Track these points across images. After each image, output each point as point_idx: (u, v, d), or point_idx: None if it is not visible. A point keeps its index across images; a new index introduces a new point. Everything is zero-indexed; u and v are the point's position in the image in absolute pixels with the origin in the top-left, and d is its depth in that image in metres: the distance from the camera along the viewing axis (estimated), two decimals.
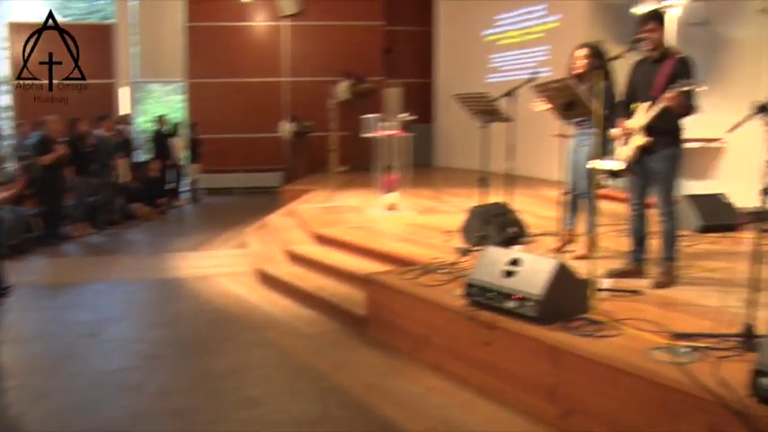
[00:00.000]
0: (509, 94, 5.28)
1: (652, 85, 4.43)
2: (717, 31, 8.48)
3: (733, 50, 8.24)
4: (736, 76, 8.01)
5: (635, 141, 4.52)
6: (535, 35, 12.09)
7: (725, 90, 7.96)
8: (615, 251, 5.30)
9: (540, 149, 8.40)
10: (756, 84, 7.58)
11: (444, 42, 14.58)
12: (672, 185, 4.52)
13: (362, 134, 8.54)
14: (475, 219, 5.83)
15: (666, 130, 4.43)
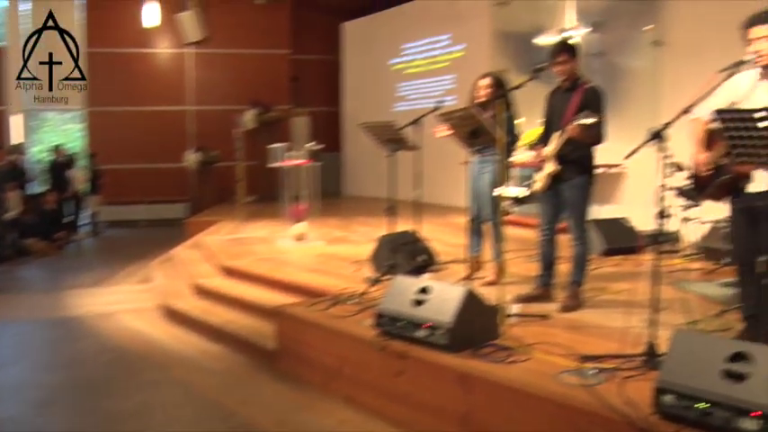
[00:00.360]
0: (415, 123, 5.35)
1: (563, 115, 4.59)
2: (614, 61, 8.92)
3: (629, 80, 8.68)
4: (634, 104, 8.44)
5: (547, 169, 4.66)
6: (441, 64, 12.37)
7: (623, 118, 8.35)
8: (523, 277, 5.41)
9: (446, 177, 8.56)
10: (652, 112, 8.00)
11: (351, 71, 14.72)
12: (584, 212, 4.67)
13: (270, 164, 8.46)
14: (384, 248, 5.83)
15: (577, 159, 4.58)
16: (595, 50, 9.11)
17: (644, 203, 4.20)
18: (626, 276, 5.53)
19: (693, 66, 7.12)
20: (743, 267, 3.72)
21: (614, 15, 8.90)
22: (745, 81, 3.57)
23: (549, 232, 4.83)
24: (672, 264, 6.00)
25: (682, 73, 7.64)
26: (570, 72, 4.60)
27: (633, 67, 8.70)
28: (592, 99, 4.53)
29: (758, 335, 3.56)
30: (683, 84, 7.35)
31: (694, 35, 7.69)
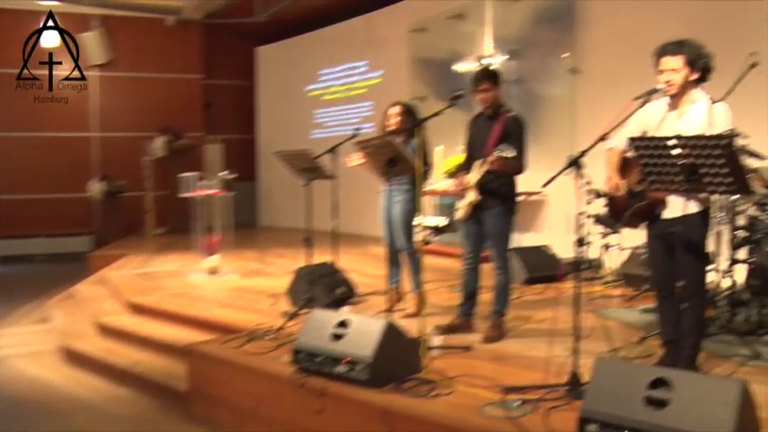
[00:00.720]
0: (332, 151, 5.35)
1: (485, 143, 4.68)
2: (532, 88, 9.21)
3: (547, 107, 8.98)
4: (552, 131, 8.70)
5: (468, 197, 4.72)
6: (358, 91, 12.48)
7: (542, 145, 8.59)
8: (445, 307, 5.45)
9: (365, 206, 8.57)
10: (570, 139, 8.28)
11: (266, 97, 14.65)
12: (506, 240, 4.76)
13: (181, 194, 8.28)
14: (301, 280, 5.78)
15: (498, 188, 4.68)
16: (513, 78, 9.38)
17: (564, 231, 4.34)
18: (548, 305, 5.65)
19: (609, 93, 7.42)
20: (661, 293, 3.86)
21: (531, 43, 9.21)
22: (656, 110, 3.75)
23: (472, 261, 4.89)
24: (593, 291, 6.19)
25: (598, 100, 7.95)
26: (493, 100, 4.71)
27: (551, 94, 9.00)
28: (513, 128, 4.64)
29: (678, 360, 3.70)
30: (599, 111, 7.63)
31: (610, 63, 8.03)
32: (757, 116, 5.93)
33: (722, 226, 5.04)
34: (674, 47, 3.63)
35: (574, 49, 8.54)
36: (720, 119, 3.54)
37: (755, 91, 5.58)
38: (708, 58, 3.64)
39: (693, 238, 3.60)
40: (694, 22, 6.84)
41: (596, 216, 6.19)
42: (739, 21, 6.70)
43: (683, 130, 3.44)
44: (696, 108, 3.63)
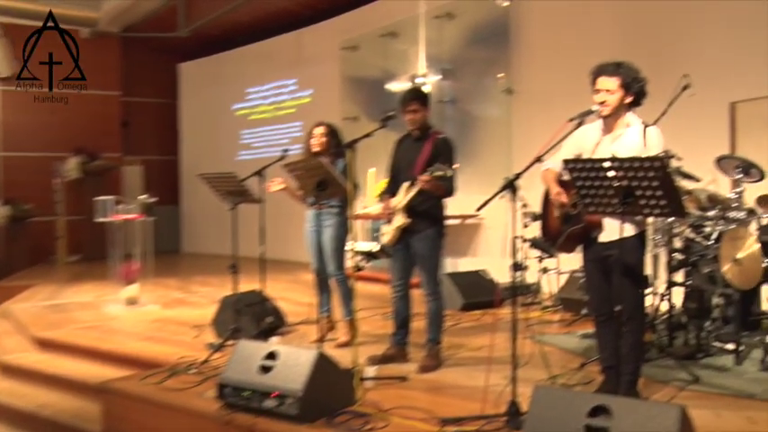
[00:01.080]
0: (259, 174, 5.31)
1: (413, 165, 4.71)
2: (466, 109, 9.38)
3: (483, 128, 9.15)
4: (488, 153, 8.88)
5: (396, 221, 4.73)
6: (287, 110, 12.48)
7: (478, 167, 8.77)
8: (378, 336, 5.45)
9: (294, 230, 8.49)
10: (506, 160, 8.45)
11: (190, 116, 14.49)
12: (436, 265, 4.79)
13: (96, 218, 8.08)
14: (227, 310, 5.69)
15: (427, 210, 4.71)
16: (447, 98, 9.54)
17: (501, 255, 4.41)
18: (485, 331, 5.70)
19: (545, 114, 7.62)
20: (599, 318, 3.95)
21: (465, 62, 9.40)
22: (591, 133, 3.86)
23: (401, 288, 4.90)
24: (531, 316, 6.28)
25: (533, 121, 8.15)
26: (421, 121, 4.76)
27: (486, 115, 9.18)
28: (443, 149, 4.70)
29: (618, 386, 3.78)
30: (535, 132, 7.83)
31: (545, 84, 8.26)
32: (690, 138, 6.17)
33: (659, 249, 5.21)
34: (611, 68, 3.76)
35: (509, 69, 8.74)
36: (654, 142, 3.68)
37: (689, 113, 5.82)
38: (643, 82, 3.78)
39: (630, 262, 3.70)
40: (630, 43, 7.12)
41: (531, 240, 6.32)
42: (672, 43, 7.00)
43: (618, 153, 3.56)
44: (630, 131, 3.76)
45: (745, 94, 6.45)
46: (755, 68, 6.32)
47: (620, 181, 3.16)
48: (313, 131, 5.54)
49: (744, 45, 6.44)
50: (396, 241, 4.77)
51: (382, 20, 10.39)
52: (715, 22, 6.70)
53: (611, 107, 3.74)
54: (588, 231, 3.82)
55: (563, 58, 7.98)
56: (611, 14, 7.64)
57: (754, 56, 6.33)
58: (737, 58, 6.47)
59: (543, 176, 4.00)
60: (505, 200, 3.52)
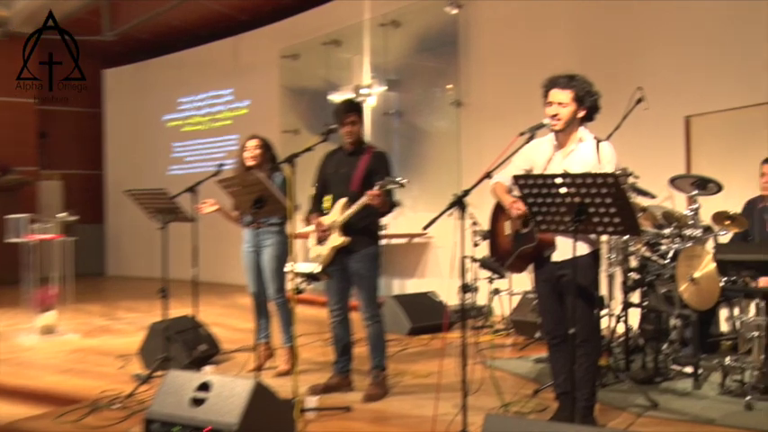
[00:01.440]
0: (192, 190, 5.26)
1: (350, 180, 4.72)
2: (413, 121, 9.46)
3: (431, 142, 9.25)
4: (435, 167, 8.97)
5: (332, 241, 4.72)
6: (223, 122, 12.41)
7: (426, 182, 8.85)
8: (321, 363, 5.43)
9: (230, 251, 8.45)
10: (456, 175, 8.54)
11: (116, 127, 14.28)
12: (375, 286, 4.79)
13: (8, 239, 7.89)
14: (156, 338, 5.60)
15: (365, 228, 4.72)
16: (393, 110, 9.62)
17: (450, 276, 4.43)
18: (434, 357, 5.73)
19: (495, 127, 7.76)
20: (552, 341, 3.99)
21: (412, 73, 9.51)
22: (543, 148, 3.93)
23: (340, 312, 4.88)
24: (482, 341, 6.34)
25: (484, 135, 8.28)
26: (358, 134, 4.81)
27: (434, 128, 9.29)
28: (381, 164, 4.73)
29: (572, 413, 3.82)
30: (485, 146, 7.97)
31: (496, 96, 8.40)
32: (646, 153, 6.35)
33: (614, 268, 5.32)
34: (564, 80, 3.83)
35: (458, 80, 8.87)
36: (608, 157, 3.76)
37: (644, 127, 5.98)
38: (596, 96, 3.86)
39: (584, 282, 3.76)
40: (583, 56, 7.29)
41: (481, 260, 6.39)
42: (627, 57, 7.19)
43: (571, 169, 3.62)
44: (583, 147, 3.84)
45: (699, 108, 6.66)
46: (709, 82, 6.54)
47: (573, 198, 3.22)
48: (246, 144, 5.53)
49: (698, 59, 6.65)
50: (330, 262, 4.75)
51: (325, 27, 10.45)
52: (670, 36, 6.92)
53: (564, 121, 3.81)
54: (540, 250, 3.87)
55: (514, 70, 8.13)
56: (566, 26, 7.83)
57: (709, 69, 6.55)
58: (692, 72, 6.68)
59: (493, 190, 4.05)
60: (454, 217, 3.55)
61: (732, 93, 6.38)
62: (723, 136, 6.53)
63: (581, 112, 3.82)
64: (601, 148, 3.77)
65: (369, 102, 9.79)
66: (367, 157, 4.76)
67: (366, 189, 4.54)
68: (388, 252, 8.70)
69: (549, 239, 3.81)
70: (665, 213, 5.29)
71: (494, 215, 4.19)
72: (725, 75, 6.45)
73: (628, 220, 3.20)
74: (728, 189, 5.35)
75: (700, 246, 4.90)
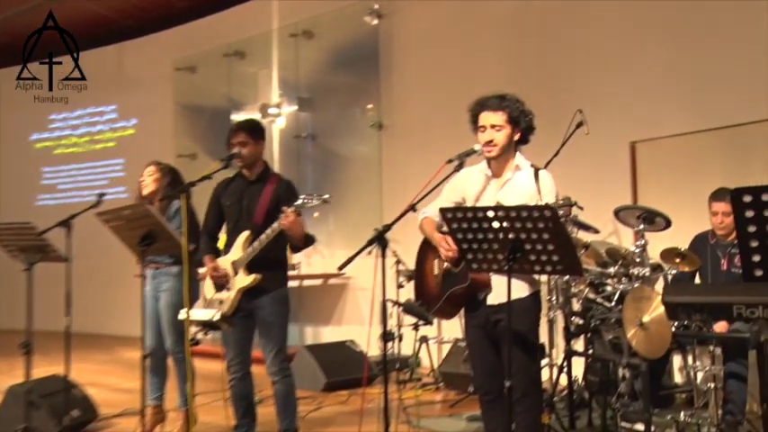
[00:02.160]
0: (65, 224, 5.13)
1: (252, 212, 4.70)
2: (328, 146, 9.48)
3: (347, 168, 9.27)
4: (354, 197, 8.98)
5: (239, 281, 4.65)
6: (105, 144, 12.21)
7: (343, 215, 8.86)
8: (221, 427, 5.35)
9: (112, 296, 8.30)
10: (376, 207, 8.57)
11: None
12: (284, 335, 4.75)
13: None
14: (16, 403, 5.41)
15: (273, 267, 4.68)
16: (306, 132, 9.62)
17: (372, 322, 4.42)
18: (353, 416, 5.70)
19: (421, 153, 7.84)
20: (486, 397, 4.00)
21: (327, 91, 9.54)
22: (476, 177, 3.96)
23: (241, 366, 4.79)
24: (408, 396, 6.34)
25: (408, 162, 8.35)
26: (252, 157, 4.74)
27: (352, 153, 9.33)
28: (288, 195, 4.69)
29: None
30: (409, 174, 8.03)
31: (421, 117, 8.49)
32: (588, 182, 6.50)
33: (555, 312, 5.42)
34: (494, 101, 3.85)
35: (379, 100, 8.94)
36: (548, 188, 3.81)
37: (584, 154, 6.14)
38: (531, 116, 3.91)
39: (522, 328, 3.78)
40: (518, 77, 7.42)
41: (405, 304, 6.40)
42: (567, 76, 7.39)
43: (507, 201, 3.66)
44: (520, 176, 3.87)
45: (645, 134, 6.85)
46: (656, 106, 6.73)
47: (507, 233, 3.26)
48: (145, 170, 5.48)
49: (644, 80, 6.85)
50: (236, 308, 4.67)
51: (226, 36, 10.41)
52: (613, 55, 7.12)
53: (500, 146, 3.82)
54: (473, 292, 3.89)
55: (443, 89, 8.21)
56: (500, 42, 7.99)
57: (656, 91, 6.75)
58: (637, 94, 6.87)
59: (421, 226, 4.06)
60: (374, 255, 3.56)
61: (681, 117, 6.59)
62: (671, 164, 6.73)
63: (516, 135, 3.85)
64: (540, 178, 3.79)
65: (277, 123, 9.80)
66: (272, 186, 4.74)
67: (271, 221, 4.51)
68: (301, 295, 8.66)
69: (483, 280, 3.83)
70: (609, 250, 5.42)
71: (421, 253, 4.19)
72: (673, 98, 6.66)
73: (568, 258, 3.26)
74: (678, 222, 5.51)
75: (648, 286, 5.00)
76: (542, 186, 3.78)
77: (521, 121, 3.84)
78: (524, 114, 3.86)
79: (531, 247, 3.24)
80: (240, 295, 4.65)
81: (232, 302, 4.66)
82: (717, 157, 6.43)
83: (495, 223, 3.26)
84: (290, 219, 4.42)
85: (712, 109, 6.35)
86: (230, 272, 4.68)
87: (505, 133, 3.82)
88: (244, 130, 4.76)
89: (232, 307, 4.66)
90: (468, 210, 3.49)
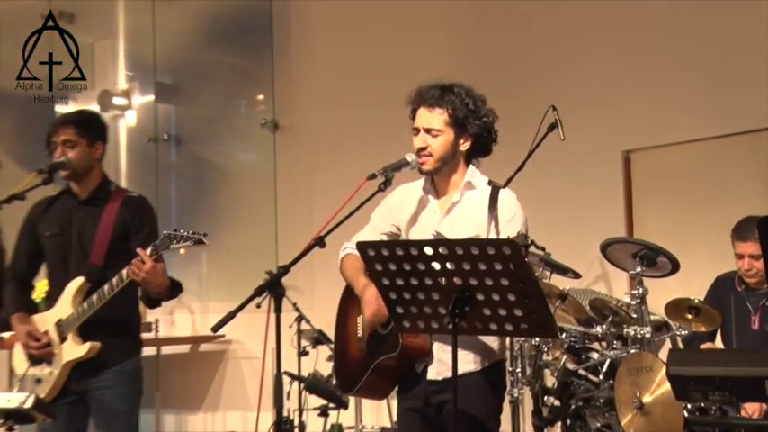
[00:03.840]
0: None
1: (87, 247, 4.62)
2: (200, 152, 9.39)
3: (228, 185, 9.18)
4: (237, 227, 8.89)
5: (66, 353, 4.53)
6: None
7: (221, 252, 8.78)
8: None
9: None
10: (268, 240, 8.52)
11: None
12: (134, 427, 4.68)
13: None
14: None
15: (119, 330, 4.60)
16: (167, 133, 9.49)
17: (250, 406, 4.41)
18: None
19: (332, 165, 7.83)
20: None
21: (198, 75, 9.43)
22: (411, 197, 3.96)
23: None
24: None
25: (314, 176, 8.32)
26: (84, 164, 4.60)
27: (235, 163, 9.28)
28: (141, 217, 4.60)
29: None
30: (317, 194, 8.01)
31: (333, 115, 8.42)
32: (564, 207, 6.57)
33: (521, 389, 5.45)
34: (434, 94, 3.85)
35: (273, 90, 8.88)
36: (509, 213, 3.80)
37: (561, 167, 6.21)
38: (488, 117, 3.90)
39: (476, 411, 3.79)
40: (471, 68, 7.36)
41: (308, 379, 6.37)
42: (540, 68, 7.42)
43: (452, 232, 3.69)
44: (473, 197, 3.88)
45: (642, 140, 6.93)
46: (657, 106, 6.76)
47: (451, 277, 3.25)
48: None
49: (641, 72, 6.89)
50: (61, 391, 4.58)
51: None
52: (604, 38, 7.14)
53: (437, 158, 3.82)
54: (406, 363, 3.88)
55: (363, 76, 8.20)
56: (446, 20, 7.95)
57: (656, 88, 6.80)
58: (632, 90, 6.88)
59: (343, 267, 4.05)
60: (266, 310, 3.55)
61: (691, 118, 6.67)
62: (679, 180, 6.80)
63: (464, 143, 3.86)
64: (501, 200, 3.79)
65: (126, 118, 9.66)
66: (115, 207, 4.65)
67: (116, 260, 4.42)
68: (160, 368, 8.51)
69: (419, 345, 3.79)
70: (595, 301, 5.47)
71: (342, 306, 4.16)
72: (680, 93, 6.76)
73: (537, 314, 3.24)
74: (689, 260, 5.56)
75: (650, 353, 5.03)
76: (502, 211, 3.78)
77: (469, 125, 3.84)
78: (477, 115, 3.84)
79: (486, 298, 3.22)
80: (68, 372, 4.52)
81: (55, 382, 4.54)
82: (741, 172, 6.53)
83: (435, 264, 3.24)
84: (146, 268, 4.26)
85: (733, 109, 6.45)
86: (54, 337, 4.54)
87: (445, 140, 3.83)
88: (72, 125, 4.60)
89: (55, 389, 4.53)
90: (397, 245, 3.45)
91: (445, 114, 3.82)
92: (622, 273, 5.95)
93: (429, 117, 3.84)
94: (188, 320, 8.71)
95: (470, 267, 3.19)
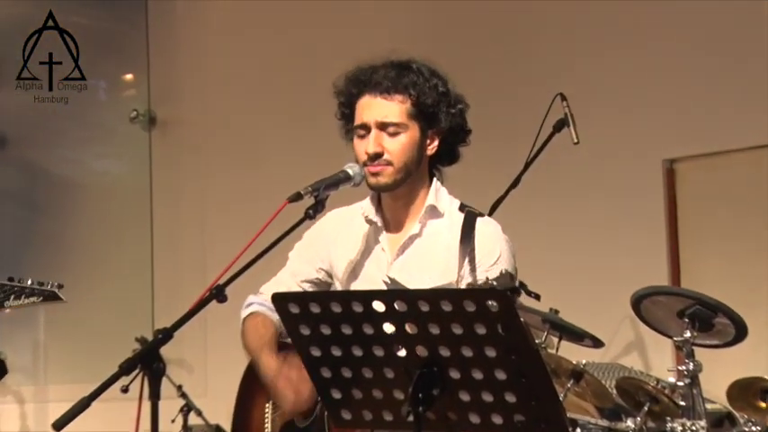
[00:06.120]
0: None
1: None
2: (33, 158, 9.46)
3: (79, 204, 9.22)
4: (94, 268, 8.94)
5: None
6: None
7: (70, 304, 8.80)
8: None
9: None
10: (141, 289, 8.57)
11: None
12: None
13: None
14: None
15: None
16: None
17: None
18: None
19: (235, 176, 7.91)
20: None
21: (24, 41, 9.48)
22: (353, 229, 4.03)
23: None
24: None
25: (208, 191, 8.38)
26: None
27: (91, 173, 9.33)
28: None
29: None
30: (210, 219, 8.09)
31: (235, 104, 8.51)
32: (575, 240, 6.66)
33: None
34: (391, 75, 3.91)
35: (147, 69, 8.93)
36: (492, 253, 3.89)
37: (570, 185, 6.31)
38: (461, 105, 4.01)
39: None
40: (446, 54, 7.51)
41: None
42: (546, 52, 7.58)
43: (412, 279, 3.78)
44: (439, 229, 3.98)
45: (689, 148, 7.03)
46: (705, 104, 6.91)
47: (413, 347, 3.31)
48: None
49: (687, 65, 7.05)
50: None
51: None
52: (633, 28, 7.32)
53: (399, 165, 3.88)
54: None
55: (281, 53, 8.28)
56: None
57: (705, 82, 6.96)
58: (676, 84, 7.04)
59: (246, 335, 4.10)
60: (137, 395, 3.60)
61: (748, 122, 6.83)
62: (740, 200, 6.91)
63: (431, 144, 3.94)
64: (478, 232, 3.86)
65: None
66: None
67: None
68: None
69: None
70: (624, 382, 5.55)
71: (244, 387, 4.24)
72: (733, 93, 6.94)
73: (538, 400, 3.33)
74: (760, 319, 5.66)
75: None
76: (482, 249, 3.83)
77: (441, 115, 3.90)
78: (448, 101, 3.92)
79: (463, 377, 3.24)
80: None
81: None
82: None
83: (389, 326, 3.27)
84: None
85: None
86: None
87: (409, 139, 3.87)
88: None
89: None
90: (332, 298, 3.45)
91: (408, 102, 3.85)
92: (665, 340, 5.99)
93: (385, 107, 3.86)
94: (16, 414, 8.74)
95: (440, 332, 3.16)
